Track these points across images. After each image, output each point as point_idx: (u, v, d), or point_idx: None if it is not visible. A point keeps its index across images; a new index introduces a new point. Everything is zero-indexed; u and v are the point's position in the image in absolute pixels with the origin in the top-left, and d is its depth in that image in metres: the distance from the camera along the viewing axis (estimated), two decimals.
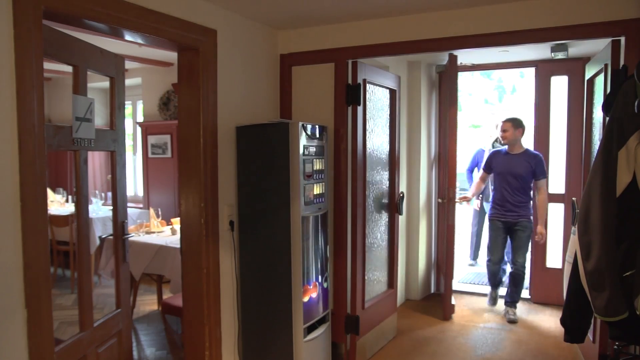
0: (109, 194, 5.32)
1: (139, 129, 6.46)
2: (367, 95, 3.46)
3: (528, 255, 4.46)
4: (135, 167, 6.88)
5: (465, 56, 4.50)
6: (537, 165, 4.14)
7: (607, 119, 2.31)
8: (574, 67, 4.40)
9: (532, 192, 4.27)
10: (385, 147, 3.85)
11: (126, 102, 6.65)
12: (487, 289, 4.65)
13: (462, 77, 6.75)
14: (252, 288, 3.06)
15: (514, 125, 4.22)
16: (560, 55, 4.12)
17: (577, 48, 4.10)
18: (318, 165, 3.04)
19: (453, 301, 4.38)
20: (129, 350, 2.82)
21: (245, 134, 3.01)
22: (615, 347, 2.69)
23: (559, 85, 4.57)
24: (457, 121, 4.29)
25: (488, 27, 2.88)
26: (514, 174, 4.20)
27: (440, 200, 4.78)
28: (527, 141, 4.45)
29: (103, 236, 4.48)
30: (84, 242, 2.49)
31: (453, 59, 4.17)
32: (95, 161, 6.67)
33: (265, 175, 2.95)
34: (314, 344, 3.03)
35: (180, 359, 3.54)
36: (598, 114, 2.97)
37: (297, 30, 3.39)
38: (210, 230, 2.83)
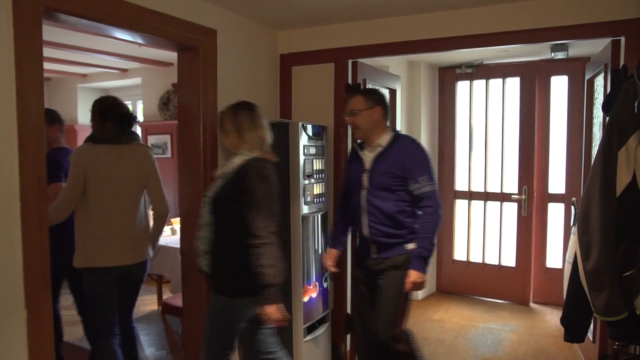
0: None
1: (138, 129, 6.45)
2: None
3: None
4: None
5: (465, 56, 4.49)
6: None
7: (607, 118, 2.31)
8: (574, 67, 4.40)
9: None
10: None
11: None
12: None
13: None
14: None
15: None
16: (560, 55, 4.11)
17: (577, 48, 4.09)
18: (318, 165, 3.04)
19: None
20: None
21: None
22: (615, 347, 2.68)
23: (559, 85, 4.57)
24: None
25: (488, 27, 2.88)
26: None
27: None
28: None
29: None
30: None
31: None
32: None
33: None
34: (314, 343, 3.03)
35: (180, 359, 3.54)
36: (598, 114, 2.97)
37: (297, 30, 3.39)
38: None
